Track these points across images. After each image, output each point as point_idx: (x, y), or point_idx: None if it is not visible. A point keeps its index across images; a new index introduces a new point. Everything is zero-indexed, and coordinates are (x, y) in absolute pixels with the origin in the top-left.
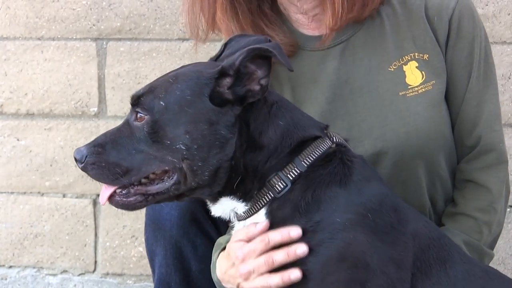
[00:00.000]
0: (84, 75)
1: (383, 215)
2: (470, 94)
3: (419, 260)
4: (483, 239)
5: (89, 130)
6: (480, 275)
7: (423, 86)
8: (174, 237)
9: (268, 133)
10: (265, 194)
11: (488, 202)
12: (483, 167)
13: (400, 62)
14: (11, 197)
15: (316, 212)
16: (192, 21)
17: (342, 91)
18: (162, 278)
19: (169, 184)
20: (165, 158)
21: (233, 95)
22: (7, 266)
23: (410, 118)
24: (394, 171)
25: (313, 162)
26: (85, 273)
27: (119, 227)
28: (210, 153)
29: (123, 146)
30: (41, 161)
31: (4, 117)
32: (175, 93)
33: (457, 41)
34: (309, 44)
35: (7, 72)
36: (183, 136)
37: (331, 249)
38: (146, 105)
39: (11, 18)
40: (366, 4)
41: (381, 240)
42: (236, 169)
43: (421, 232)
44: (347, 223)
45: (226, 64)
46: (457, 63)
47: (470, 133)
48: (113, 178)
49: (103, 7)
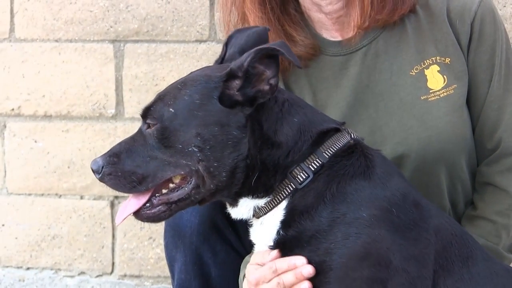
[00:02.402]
0: (101, 77)
1: (406, 211)
2: (491, 97)
3: (441, 257)
4: (502, 243)
5: (107, 132)
6: (502, 273)
7: (444, 90)
8: (194, 243)
9: (283, 130)
10: (286, 185)
11: (507, 205)
12: (503, 170)
13: (421, 66)
14: (29, 199)
15: (342, 203)
16: (225, 15)
17: (363, 95)
18: (182, 284)
19: (188, 189)
20: (179, 162)
21: (243, 96)
22: (24, 267)
23: (431, 123)
24: (416, 175)
25: (335, 153)
26: (102, 274)
27: (137, 229)
28: (224, 153)
29: (137, 154)
30: (59, 163)
31: (21, 119)
32: (184, 99)
33: (479, 44)
34: (331, 50)
35: (25, 74)
36: (195, 139)
37: (357, 245)
38: (155, 113)
39: (28, 20)
40: (396, 8)
41: (404, 237)
42: (253, 167)
43: (443, 228)
44: (373, 219)
45: (234, 66)
46: (478, 66)
47: (491, 136)
48: (130, 187)
49: (120, 9)
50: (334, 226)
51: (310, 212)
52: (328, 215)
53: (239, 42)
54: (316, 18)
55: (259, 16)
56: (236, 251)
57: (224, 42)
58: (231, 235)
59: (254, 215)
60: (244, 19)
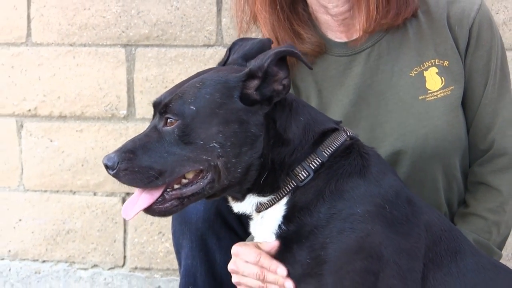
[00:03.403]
0: (113, 80)
1: (399, 207)
2: (486, 100)
3: (431, 251)
4: (492, 239)
5: (119, 132)
6: (489, 267)
7: (442, 91)
8: (199, 230)
9: (292, 128)
10: (288, 183)
11: (498, 203)
12: (495, 170)
13: (421, 68)
14: (44, 195)
15: (339, 200)
16: (238, 12)
17: (366, 94)
18: (188, 269)
19: (203, 184)
20: (200, 158)
21: (260, 96)
22: (40, 260)
23: (429, 121)
24: (412, 171)
25: (333, 152)
26: (114, 267)
27: (147, 224)
28: (242, 150)
29: (153, 150)
30: (73, 161)
31: (37, 119)
32: (205, 97)
33: (476, 49)
34: (336, 50)
35: (41, 77)
36: (217, 135)
37: (351, 239)
38: (176, 110)
39: (44, 25)
40: (399, 12)
41: (396, 232)
42: (265, 165)
43: (434, 223)
44: (367, 214)
45: (254, 67)
46: (475, 70)
47: (484, 137)
48: (147, 181)
49: (132, 14)
50: (331, 222)
51: (310, 208)
52: (326, 211)
53: (242, 49)
54: (322, 19)
55: (269, 15)
56: (240, 237)
57: (228, 47)
58: (234, 222)
59: (256, 210)
60: (256, 18)
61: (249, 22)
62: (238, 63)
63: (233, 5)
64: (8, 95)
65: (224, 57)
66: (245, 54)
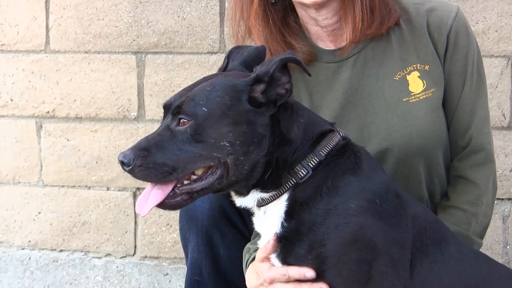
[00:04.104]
0: (125, 84)
1: (389, 201)
2: (464, 100)
3: (418, 241)
4: (471, 229)
5: (130, 132)
6: (470, 255)
7: (424, 93)
8: (205, 226)
9: (294, 129)
10: (288, 180)
11: (476, 196)
12: (472, 165)
13: (404, 72)
14: (62, 190)
15: (335, 196)
16: (234, 26)
17: (353, 97)
18: (194, 262)
19: (213, 179)
20: (211, 155)
21: (266, 99)
22: (58, 250)
23: (412, 121)
24: (398, 167)
25: (329, 152)
26: (126, 256)
27: (156, 216)
28: (250, 149)
29: (167, 148)
30: (88, 159)
31: (56, 120)
32: (216, 100)
33: (454, 54)
34: (326, 57)
35: (59, 81)
36: (227, 135)
37: (346, 232)
38: (189, 111)
39: (62, 34)
40: (383, 22)
41: (387, 223)
42: (269, 163)
43: (419, 215)
44: (360, 209)
45: (261, 72)
46: (453, 73)
47: (463, 135)
48: (161, 177)
49: (142, 24)
50: (327, 218)
51: (309, 204)
52: (323, 207)
53: (240, 56)
54: (313, 30)
55: (262, 29)
56: (241, 233)
57: (226, 55)
58: (237, 219)
59: (257, 204)
60: (250, 32)
61: (244, 36)
62: (238, 69)
63: (229, 20)
64: (29, 98)
65: (223, 64)
66: (244, 61)
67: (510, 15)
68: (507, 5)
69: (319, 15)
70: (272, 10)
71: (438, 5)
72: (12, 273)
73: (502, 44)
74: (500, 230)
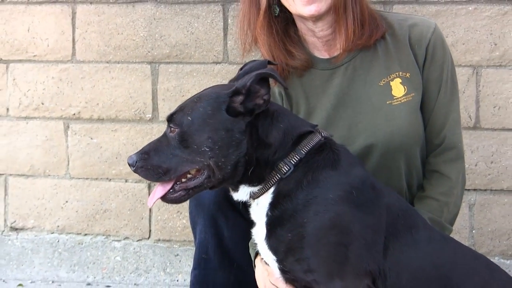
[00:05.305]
0: (141, 90)
1: (364, 192)
2: (439, 104)
3: (391, 226)
4: (444, 216)
5: (145, 131)
6: (438, 239)
7: (405, 97)
8: (211, 211)
9: (273, 134)
10: (274, 176)
11: (448, 187)
12: (446, 160)
13: (388, 79)
14: (86, 182)
15: (315, 188)
16: (242, 36)
17: (344, 100)
18: (202, 242)
19: (202, 179)
20: (195, 159)
21: (244, 108)
22: (82, 234)
23: (394, 121)
24: (381, 161)
25: (309, 150)
26: (142, 239)
27: (168, 205)
28: (229, 151)
29: (162, 152)
30: (109, 155)
31: (81, 121)
32: (199, 110)
33: (431, 64)
34: (321, 65)
35: (83, 87)
36: (207, 141)
37: (325, 219)
38: (177, 121)
39: (86, 47)
40: (371, 35)
41: (362, 212)
42: (250, 162)
43: (393, 204)
44: (338, 199)
45: (239, 85)
46: (430, 80)
47: (437, 134)
48: (157, 177)
49: (156, 38)
50: (308, 206)
51: (291, 196)
52: (304, 197)
53: (249, 68)
54: (310, 41)
55: (267, 38)
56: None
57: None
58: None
59: (251, 197)
60: (256, 40)
61: (251, 44)
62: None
63: (238, 30)
64: (57, 102)
65: (237, 74)
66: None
67: (475, 30)
68: (473, 22)
69: (316, 27)
70: (276, 22)
71: (419, 21)
72: (43, 254)
73: (468, 55)
74: (466, 216)
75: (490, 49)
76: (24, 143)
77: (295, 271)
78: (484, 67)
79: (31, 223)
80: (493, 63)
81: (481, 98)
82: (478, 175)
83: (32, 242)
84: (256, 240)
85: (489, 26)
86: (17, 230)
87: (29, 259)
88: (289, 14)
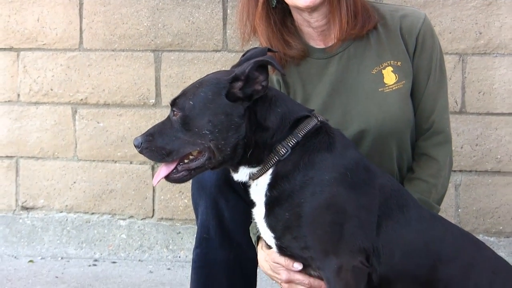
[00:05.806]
0: (145, 76)
1: (358, 173)
2: (428, 91)
3: (383, 206)
4: (432, 197)
5: (149, 116)
6: (428, 217)
7: (396, 84)
8: (212, 193)
9: (271, 118)
10: (272, 158)
11: (436, 170)
12: (434, 144)
13: (380, 67)
14: (93, 163)
15: (311, 170)
16: (242, 26)
17: (338, 87)
18: (203, 222)
19: (203, 160)
20: (196, 141)
21: (243, 94)
22: (90, 213)
23: (386, 108)
24: (374, 145)
25: (306, 133)
26: (146, 218)
27: (170, 185)
28: (228, 134)
29: (166, 135)
30: (115, 138)
31: (88, 106)
32: (200, 95)
33: (421, 53)
34: (316, 54)
35: (90, 74)
36: (207, 124)
37: (321, 199)
38: (180, 105)
39: (93, 36)
40: (364, 25)
41: (356, 192)
42: (249, 144)
43: (385, 185)
44: (333, 180)
45: (238, 72)
46: (420, 69)
47: (427, 119)
48: (160, 158)
49: (159, 27)
50: (304, 187)
51: (288, 177)
52: (300, 178)
53: (250, 55)
54: (306, 31)
55: (265, 28)
56: (243, 199)
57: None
58: (239, 187)
59: (250, 178)
60: (255, 30)
61: (250, 34)
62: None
63: (237, 21)
64: (66, 88)
65: (238, 61)
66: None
67: (461, 19)
68: (459, 11)
69: (311, 17)
70: (273, 12)
71: (409, 12)
72: (52, 232)
73: (455, 43)
74: (453, 196)
75: (475, 37)
76: (34, 127)
77: (292, 248)
78: (470, 54)
79: (41, 202)
80: (478, 51)
81: (467, 84)
82: (463, 157)
83: (42, 221)
84: (256, 219)
85: (475, 16)
86: (28, 209)
87: (39, 236)
88: (286, 5)
